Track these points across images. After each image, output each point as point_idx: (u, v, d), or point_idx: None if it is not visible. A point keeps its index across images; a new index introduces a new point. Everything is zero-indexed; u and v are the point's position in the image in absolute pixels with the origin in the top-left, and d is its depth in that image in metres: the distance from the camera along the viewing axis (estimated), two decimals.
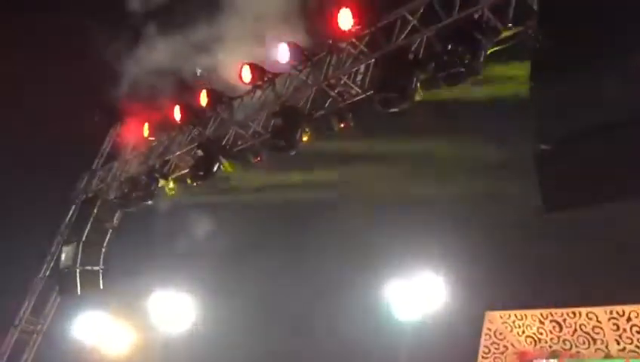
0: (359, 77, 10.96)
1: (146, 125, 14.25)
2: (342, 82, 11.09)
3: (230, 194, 13.97)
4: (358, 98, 11.06)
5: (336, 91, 11.25)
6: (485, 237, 12.19)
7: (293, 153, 11.56)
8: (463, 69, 8.83)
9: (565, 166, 6.67)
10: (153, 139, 14.40)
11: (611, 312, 11.81)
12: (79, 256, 15.11)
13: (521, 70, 8.56)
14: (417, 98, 9.64)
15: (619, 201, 6.79)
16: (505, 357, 13.35)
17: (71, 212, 16.20)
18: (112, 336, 15.94)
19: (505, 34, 8.97)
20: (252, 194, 14.35)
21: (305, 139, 11.63)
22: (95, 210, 15.41)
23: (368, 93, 10.72)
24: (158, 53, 13.47)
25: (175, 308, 15.50)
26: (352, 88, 11.05)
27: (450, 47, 9.02)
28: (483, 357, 13.45)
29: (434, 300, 13.28)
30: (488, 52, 8.95)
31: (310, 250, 14.28)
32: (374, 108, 10.13)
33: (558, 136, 6.56)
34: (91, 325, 15.86)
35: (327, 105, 11.43)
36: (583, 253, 11.21)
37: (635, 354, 11.80)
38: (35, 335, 15.85)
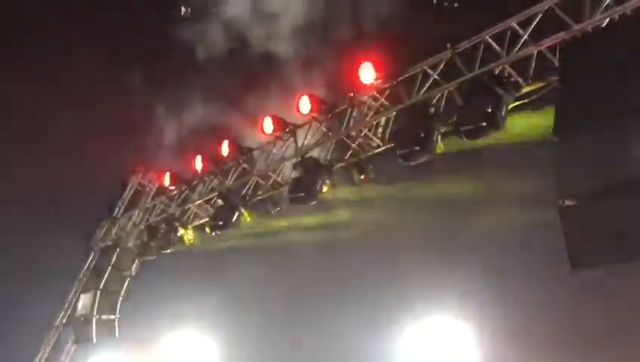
0: (380, 129, 11.06)
1: (168, 174, 14.41)
2: (362, 134, 11.20)
3: (247, 238, 13.95)
4: (379, 150, 11.14)
5: (356, 143, 11.36)
6: (508, 291, 11.97)
7: (312, 203, 11.60)
8: (484, 124, 8.87)
9: (590, 222, 6.59)
10: (174, 188, 14.52)
11: None
12: (96, 305, 15.08)
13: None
14: (438, 151, 9.68)
15: None
16: None
17: (90, 259, 16.25)
18: None
19: (526, 89, 9.03)
20: (269, 238, 14.32)
21: (325, 190, 11.69)
22: (114, 258, 15.45)
23: (389, 146, 10.81)
24: (180, 105, 13.77)
25: (192, 356, 15.28)
26: (373, 140, 11.14)
27: (471, 101, 9.10)
28: None
29: (454, 350, 12.96)
30: (510, 107, 9.01)
31: (328, 293, 14.11)
32: (395, 160, 10.20)
33: (583, 192, 6.51)
34: None
35: (347, 156, 11.52)
36: (609, 312, 10.94)
37: None
38: None
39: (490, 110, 8.88)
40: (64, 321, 15.85)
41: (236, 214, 12.92)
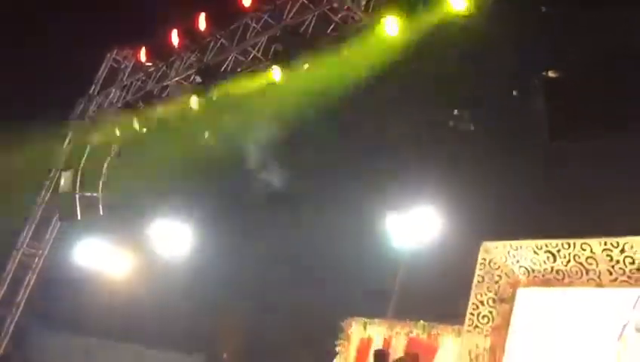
0: (363, 1, 10.68)
1: (143, 50, 13.98)
2: (345, 7, 10.81)
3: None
4: (362, 24, 10.81)
5: (339, 16, 10.99)
6: (483, 166, 12.22)
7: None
8: None
9: (574, 95, 6.56)
10: (150, 64, 14.15)
11: (605, 243, 11.88)
12: (78, 182, 15.14)
13: None
14: None
15: (623, 132, 6.74)
16: (498, 287, 13.56)
17: (68, 138, 16.11)
18: (112, 262, 16.16)
19: None
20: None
21: (306, 66, 11.45)
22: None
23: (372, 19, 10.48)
24: None
25: (174, 234, 15.63)
26: (356, 14, 10.78)
27: None
28: (476, 286, 13.66)
29: (430, 229, 13.39)
30: None
31: (309, 182, 14.33)
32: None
33: (569, 64, 6.42)
34: (92, 251, 16.07)
35: (329, 31, 11.18)
36: (580, 184, 11.26)
37: (627, 283, 11.99)
38: (36, 259, 16.07)
39: None
40: (47, 198, 16.01)
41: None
